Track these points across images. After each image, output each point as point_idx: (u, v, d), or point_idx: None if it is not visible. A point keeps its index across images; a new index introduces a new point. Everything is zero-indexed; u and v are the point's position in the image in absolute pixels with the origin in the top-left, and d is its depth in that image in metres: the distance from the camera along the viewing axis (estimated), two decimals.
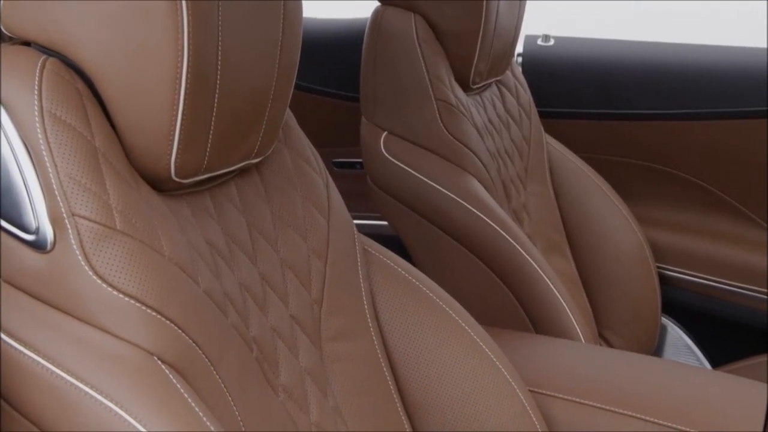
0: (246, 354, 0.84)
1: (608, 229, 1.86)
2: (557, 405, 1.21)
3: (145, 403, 0.69)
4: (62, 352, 0.72)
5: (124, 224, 0.75)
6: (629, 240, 1.87)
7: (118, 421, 0.69)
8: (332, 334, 0.99)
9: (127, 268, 0.73)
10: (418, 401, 1.08)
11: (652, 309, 1.91)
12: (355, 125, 1.67)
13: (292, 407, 0.89)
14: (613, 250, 1.85)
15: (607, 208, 1.88)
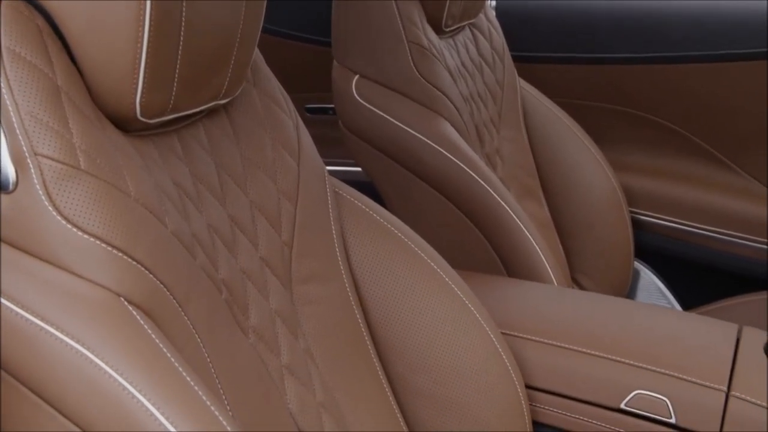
0: (215, 296, 0.84)
1: (582, 173, 1.86)
2: (529, 347, 1.21)
3: (112, 345, 0.69)
4: (28, 295, 0.71)
5: (89, 164, 0.73)
6: (603, 185, 1.87)
7: (87, 363, 0.68)
8: (303, 277, 0.99)
9: (92, 209, 0.72)
10: (389, 343, 1.08)
11: (625, 253, 1.91)
12: (328, 70, 1.66)
13: (262, 349, 0.89)
14: (587, 195, 1.85)
15: (581, 153, 1.87)
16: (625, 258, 1.92)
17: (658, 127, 2.08)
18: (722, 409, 1.10)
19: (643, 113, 2.08)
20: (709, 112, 1.99)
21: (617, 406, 1.15)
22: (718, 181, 2.04)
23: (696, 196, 2.03)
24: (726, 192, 2.01)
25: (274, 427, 0.85)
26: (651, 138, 2.10)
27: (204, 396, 0.70)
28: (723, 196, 2.01)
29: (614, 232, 1.88)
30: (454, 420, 1.07)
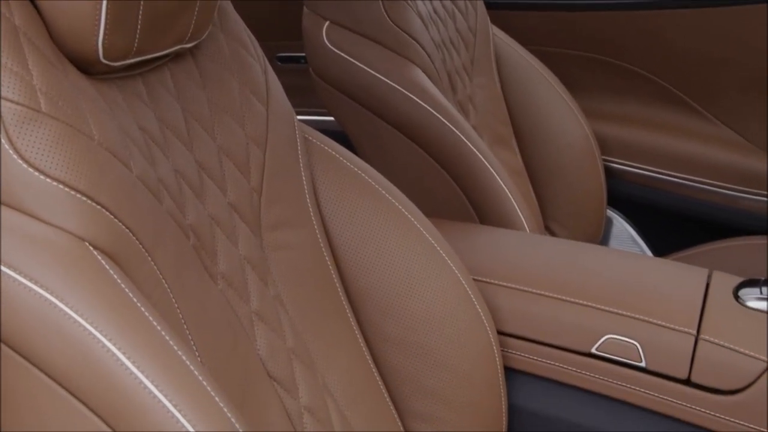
0: (182, 241, 0.83)
1: (555, 121, 1.86)
2: (500, 293, 1.21)
3: (77, 290, 0.68)
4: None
5: (50, 106, 0.72)
6: (576, 133, 1.86)
7: (52, 309, 0.67)
8: (272, 223, 0.98)
9: (55, 152, 0.71)
10: (360, 290, 1.07)
11: (597, 201, 1.92)
12: (299, 18, 1.63)
13: (231, 295, 0.88)
14: (560, 143, 1.85)
15: (553, 101, 1.87)
16: (598, 206, 1.92)
17: (631, 75, 2.07)
18: (691, 352, 1.11)
19: (617, 61, 2.07)
20: (683, 59, 1.99)
21: (588, 351, 1.16)
22: (691, 128, 2.04)
23: (668, 144, 2.03)
24: (698, 139, 2.01)
25: (243, 373, 0.84)
26: (624, 86, 2.09)
27: (171, 341, 0.69)
28: (695, 143, 2.01)
29: (587, 180, 1.88)
30: (425, 366, 1.07)
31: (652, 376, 1.13)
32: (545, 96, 1.86)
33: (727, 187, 1.97)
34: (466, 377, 1.09)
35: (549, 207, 1.85)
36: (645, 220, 2.07)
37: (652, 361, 1.13)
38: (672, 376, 1.12)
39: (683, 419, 1.13)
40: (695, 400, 1.12)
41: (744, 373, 1.08)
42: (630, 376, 1.14)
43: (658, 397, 1.13)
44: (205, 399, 0.68)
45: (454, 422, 1.08)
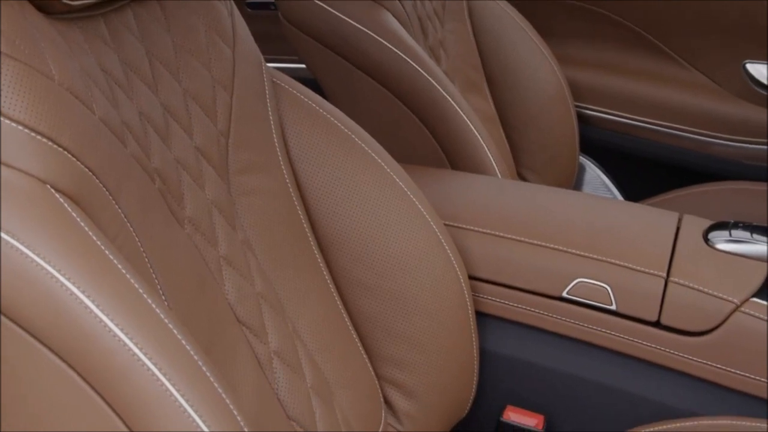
0: (148, 185, 0.81)
1: (527, 67, 1.85)
2: (471, 237, 1.21)
3: (39, 233, 0.66)
4: None
5: (8, 47, 0.70)
6: (548, 79, 1.85)
7: (14, 253, 0.66)
8: (240, 167, 0.97)
9: (14, 93, 0.69)
10: (330, 234, 1.07)
11: (570, 148, 1.92)
12: None
13: (199, 240, 0.87)
14: (532, 89, 1.84)
15: (526, 47, 1.85)
16: (570, 152, 1.92)
17: (604, 20, 2.06)
18: (661, 294, 1.12)
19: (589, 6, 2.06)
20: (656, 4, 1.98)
21: (559, 295, 1.16)
22: (664, 74, 2.03)
23: (641, 90, 2.03)
24: (671, 85, 2.01)
25: (211, 317, 0.84)
26: (596, 32, 2.08)
27: (137, 285, 0.68)
28: (668, 89, 2.01)
29: (559, 126, 1.88)
30: (396, 311, 1.07)
31: (622, 318, 1.14)
32: (518, 42, 1.85)
33: (699, 132, 1.97)
34: (438, 322, 1.09)
35: (521, 154, 1.84)
36: (617, 166, 2.07)
37: (623, 304, 1.13)
38: (642, 319, 1.13)
39: (653, 361, 1.14)
40: (665, 342, 1.12)
41: (713, 314, 1.09)
42: (600, 319, 1.15)
43: (628, 340, 1.14)
44: (172, 342, 0.67)
45: (426, 367, 1.08)
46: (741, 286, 1.10)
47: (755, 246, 1.15)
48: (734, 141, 1.96)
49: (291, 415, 0.89)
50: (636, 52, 2.06)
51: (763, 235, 1.16)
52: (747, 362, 1.09)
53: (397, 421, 1.10)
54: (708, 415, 1.10)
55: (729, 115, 1.95)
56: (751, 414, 1.10)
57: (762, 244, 1.14)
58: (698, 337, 1.11)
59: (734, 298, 1.09)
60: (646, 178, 2.03)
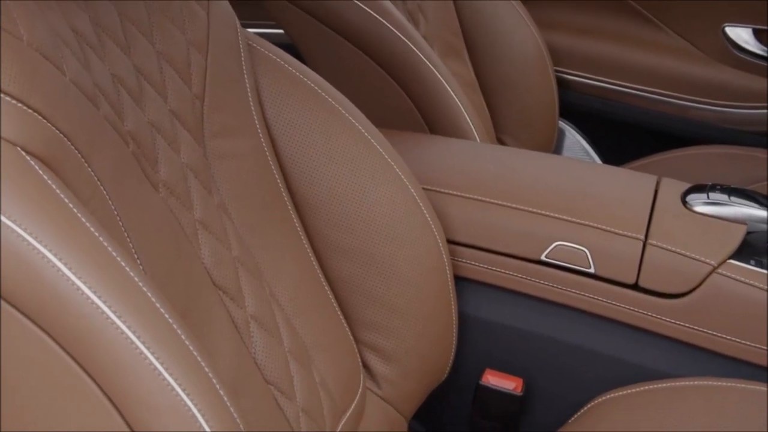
0: (121, 148, 0.80)
1: (506, 32, 1.84)
2: (450, 201, 1.21)
3: (10, 196, 0.65)
4: None
5: None
6: (527, 43, 1.84)
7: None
8: (216, 131, 0.96)
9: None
10: (307, 198, 1.06)
11: (549, 112, 1.91)
12: None
13: (174, 203, 0.86)
14: (511, 54, 1.83)
15: (505, 11, 1.84)
16: (550, 117, 1.92)
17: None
18: (639, 257, 1.12)
19: None
20: None
21: (538, 258, 1.16)
22: (643, 38, 2.03)
23: (621, 54, 2.02)
24: (650, 49, 2.01)
25: (187, 281, 0.83)
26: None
27: (110, 248, 0.67)
28: (648, 53, 2.01)
29: (539, 91, 1.87)
30: (374, 275, 1.07)
31: (600, 281, 1.14)
32: (497, 6, 1.84)
33: (679, 96, 1.98)
34: (416, 286, 1.08)
35: (501, 119, 1.83)
36: (597, 131, 2.07)
37: (601, 267, 1.14)
38: (620, 282, 1.13)
39: (631, 324, 1.15)
40: (643, 305, 1.13)
41: (690, 276, 1.10)
42: (579, 282, 1.15)
43: (606, 303, 1.14)
44: (147, 306, 0.67)
45: (404, 331, 1.08)
46: (718, 248, 1.11)
47: (733, 208, 1.15)
48: (713, 105, 1.96)
49: (268, 379, 0.89)
50: (615, 16, 2.05)
51: (740, 198, 1.16)
52: (724, 324, 1.10)
53: (376, 385, 1.10)
54: (685, 377, 1.10)
55: (708, 79, 1.96)
56: (728, 375, 1.11)
57: (739, 206, 1.15)
58: (676, 299, 1.11)
59: (711, 260, 1.09)
60: (626, 143, 2.03)
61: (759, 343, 1.09)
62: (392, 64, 1.50)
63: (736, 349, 1.10)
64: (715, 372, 1.12)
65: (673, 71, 1.98)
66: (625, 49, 2.03)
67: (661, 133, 2.01)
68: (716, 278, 1.09)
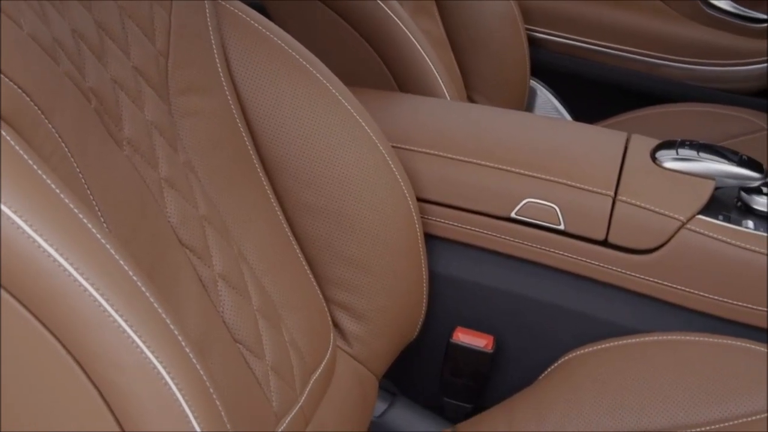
0: (83, 104, 0.79)
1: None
2: (419, 159, 1.20)
3: None
4: None
5: None
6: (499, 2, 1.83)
7: None
8: (181, 88, 0.94)
9: None
10: (275, 157, 1.05)
11: (520, 71, 1.91)
12: None
13: (138, 161, 0.85)
14: (483, 12, 1.82)
15: None
16: (521, 76, 1.91)
17: None
18: (609, 213, 1.12)
19: None
20: None
21: (508, 215, 1.16)
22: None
23: (592, 12, 2.02)
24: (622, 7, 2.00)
25: (153, 240, 0.82)
26: None
27: (73, 205, 0.66)
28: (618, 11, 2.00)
29: (510, 49, 1.86)
30: (344, 233, 1.06)
31: (570, 238, 1.15)
32: None
33: (650, 54, 1.97)
34: (386, 244, 1.08)
35: (472, 77, 1.82)
36: (568, 89, 2.06)
37: (571, 224, 1.14)
38: (590, 238, 1.14)
39: (601, 280, 1.15)
40: (612, 261, 1.13)
41: (659, 232, 1.10)
42: (549, 239, 1.15)
43: (576, 259, 1.15)
44: (111, 264, 0.66)
45: (375, 289, 1.08)
46: (687, 203, 1.11)
47: (701, 164, 1.15)
48: (684, 63, 1.97)
49: (237, 338, 0.88)
50: None
51: (709, 153, 1.16)
52: (693, 279, 1.10)
53: (347, 344, 1.10)
54: (654, 332, 1.11)
55: (680, 37, 1.95)
56: (697, 329, 1.11)
57: (708, 161, 1.15)
58: (645, 255, 1.12)
59: (680, 215, 1.10)
60: (597, 101, 2.03)
61: (727, 298, 1.09)
62: (361, 22, 1.48)
63: (704, 304, 1.11)
64: (684, 327, 1.12)
65: (644, 29, 1.98)
66: (596, 8, 2.02)
67: (633, 92, 2.01)
68: (685, 234, 1.09)
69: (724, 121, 1.81)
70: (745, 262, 1.08)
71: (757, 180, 1.14)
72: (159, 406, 0.64)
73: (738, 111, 1.85)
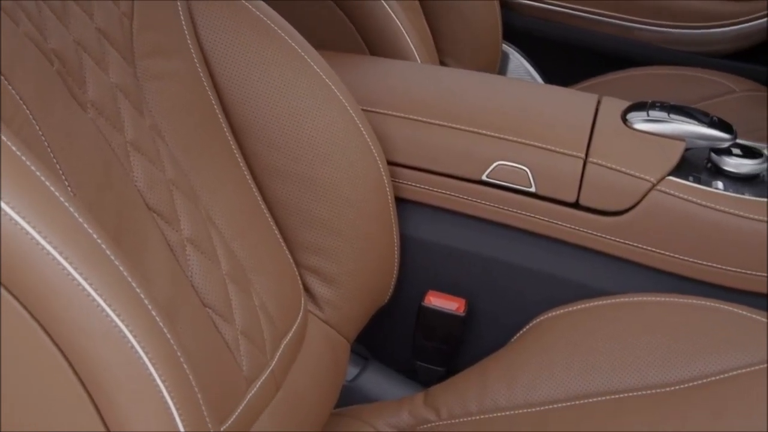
0: (45, 66, 0.77)
1: None
2: (390, 122, 1.19)
3: None
4: None
5: None
6: None
7: None
8: (147, 51, 0.93)
9: None
10: (244, 120, 1.04)
11: (493, 35, 1.90)
12: None
13: (103, 124, 0.83)
14: None
15: None
16: (493, 40, 1.90)
17: None
18: (580, 175, 1.12)
19: None
20: None
21: (479, 178, 1.16)
22: None
23: None
24: None
25: (119, 204, 0.81)
26: None
27: (35, 169, 0.65)
28: None
29: (482, 13, 1.85)
30: (314, 196, 1.05)
31: (541, 200, 1.14)
32: None
33: (622, 17, 1.97)
34: (357, 207, 1.08)
35: (444, 41, 1.81)
36: (541, 53, 2.06)
37: (542, 186, 1.14)
38: (561, 200, 1.14)
39: (572, 242, 1.15)
40: (583, 223, 1.13)
41: (630, 193, 1.10)
42: (520, 201, 1.15)
43: (547, 222, 1.15)
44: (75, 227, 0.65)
45: (345, 253, 1.08)
46: (657, 164, 1.11)
47: (672, 125, 1.15)
48: (657, 26, 1.96)
49: (206, 302, 0.88)
50: None
51: (679, 115, 1.16)
52: (663, 240, 1.11)
53: (318, 308, 1.09)
54: (625, 293, 1.11)
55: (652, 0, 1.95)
56: (668, 290, 1.12)
57: (679, 123, 1.15)
58: (616, 217, 1.12)
59: (651, 176, 1.10)
60: (570, 65, 2.02)
61: (697, 259, 1.10)
62: None
63: (675, 265, 1.12)
64: (656, 288, 1.13)
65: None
66: None
67: (605, 55, 2.00)
68: (655, 195, 1.09)
69: (695, 84, 1.81)
70: (715, 222, 1.08)
71: (726, 141, 1.14)
72: (126, 372, 0.63)
73: (710, 74, 1.85)
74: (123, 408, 0.62)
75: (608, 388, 1.01)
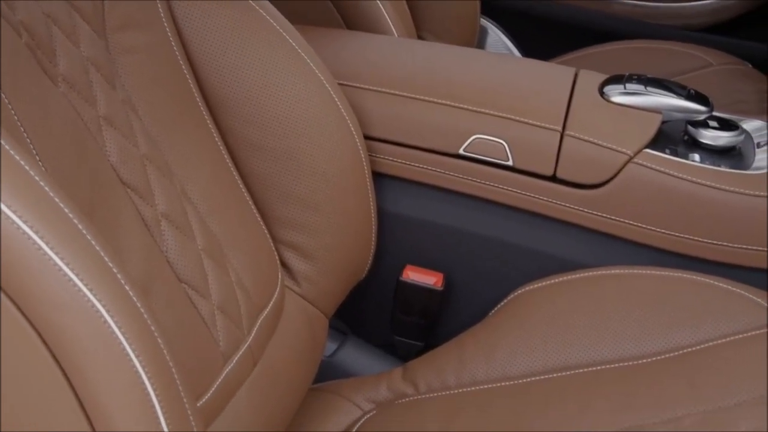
0: (13, 39, 0.76)
1: None
2: (366, 96, 1.19)
3: None
4: None
5: None
6: None
7: None
8: (118, 24, 0.92)
9: None
10: (219, 95, 1.03)
11: (471, 9, 1.89)
12: None
13: (75, 98, 0.82)
14: None
15: None
16: (471, 14, 1.89)
17: None
18: (557, 148, 1.12)
19: None
20: None
21: (456, 152, 1.16)
22: None
23: None
24: None
25: (91, 179, 0.80)
26: None
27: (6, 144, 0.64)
28: None
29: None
30: (291, 171, 1.05)
31: (518, 174, 1.14)
32: None
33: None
34: (334, 182, 1.07)
35: (421, 15, 1.80)
36: (519, 27, 2.05)
37: (519, 159, 1.13)
38: (538, 173, 1.13)
39: (549, 215, 1.15)
40: (561, 196, 1.13)
41: (607, 166, 1.10)
42: (497, 175, 1.15)
43: (524, 195, 1.15)
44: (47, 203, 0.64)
45: (322, 228, 1.07)
46: (634, 137, 1.11)
47: (649, 98, 1.15)
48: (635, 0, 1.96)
49: (182, 278, 0.87)
50: None
51: (656, 87, 1.16)
52: (640, 213, 1.11)
53: (295, 283, 1.09)
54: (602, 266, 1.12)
55: None
56: (645, 263, 1.12)
57: (655, 95, 1.15)
58: (593, 190, 1.12)
59: (628, 149, 1.10)
60: (548, 40, 2.02)
61: (674, 231, 1.10)
62: None
63: (652, 237, 1.12)
64: (633, 261, 1.13)
65: None
66: None
67: (583, 29, 2.00)
68: (632, 168, 1.09)
69: (673, 57, 1.81)
70: (692, 195, 1.08)
71: (703, 113, 1.14)
72: (99, 346, 0.63)
73: (687, 47, 1.85)
74: (96, 383, 0.62)
75: (585, 361, 1.02)
